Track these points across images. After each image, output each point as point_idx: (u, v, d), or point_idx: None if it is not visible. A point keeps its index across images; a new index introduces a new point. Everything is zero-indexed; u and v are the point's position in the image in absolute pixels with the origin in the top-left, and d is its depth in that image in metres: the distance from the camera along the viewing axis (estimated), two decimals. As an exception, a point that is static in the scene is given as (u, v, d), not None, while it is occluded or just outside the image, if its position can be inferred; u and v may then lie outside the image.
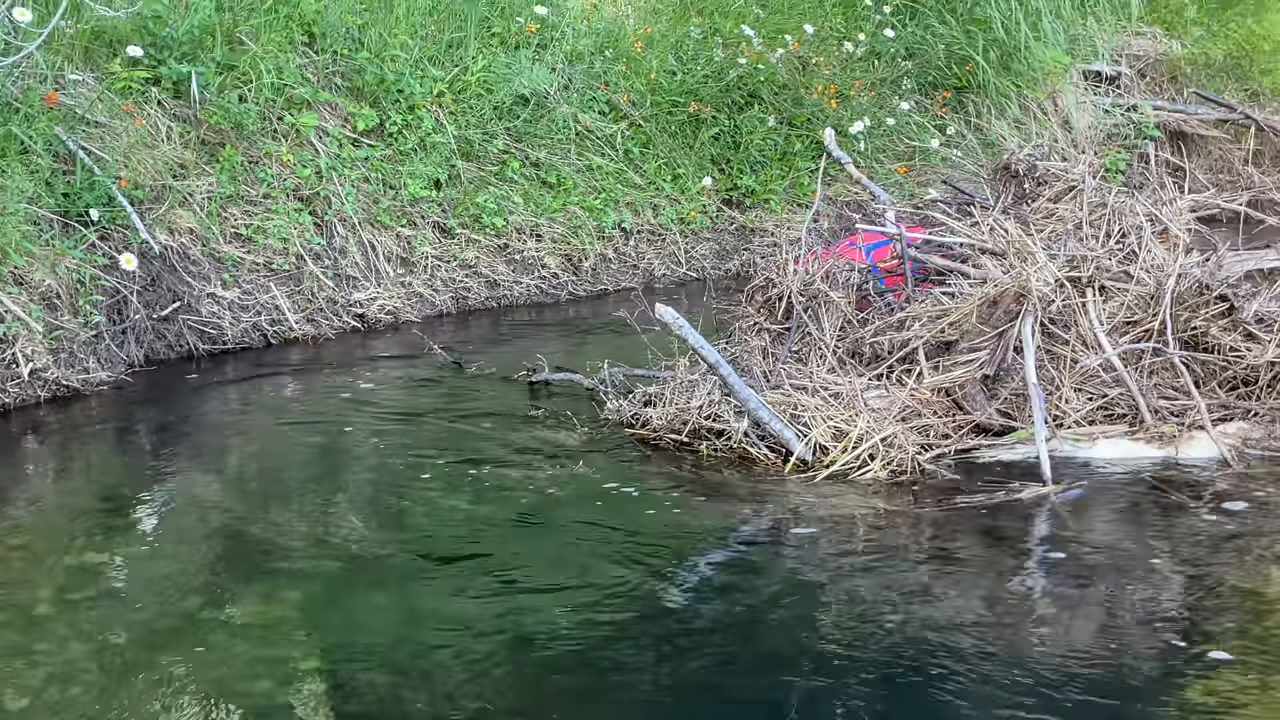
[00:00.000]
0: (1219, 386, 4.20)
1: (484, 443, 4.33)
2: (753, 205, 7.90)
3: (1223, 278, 4.22)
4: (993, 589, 3.15)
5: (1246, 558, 3.33)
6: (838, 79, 8.35)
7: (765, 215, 7.89)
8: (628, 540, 3.48)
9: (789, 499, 3.75)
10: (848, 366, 4.33)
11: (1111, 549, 3.40)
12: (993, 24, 8.85)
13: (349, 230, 6.19)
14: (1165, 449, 3.96)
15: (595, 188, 7.26)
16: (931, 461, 3.94)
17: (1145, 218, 4.32)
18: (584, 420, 4.47)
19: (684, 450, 4.16)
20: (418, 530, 3.59)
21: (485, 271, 6.68)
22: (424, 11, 6.96)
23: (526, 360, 5.23)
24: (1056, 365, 4.20)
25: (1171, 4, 11.12)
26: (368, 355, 5.71)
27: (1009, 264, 4.21)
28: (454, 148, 6.67)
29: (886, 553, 3.40)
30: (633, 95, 7.61)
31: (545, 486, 3.87)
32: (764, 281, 4.68)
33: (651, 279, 7.37)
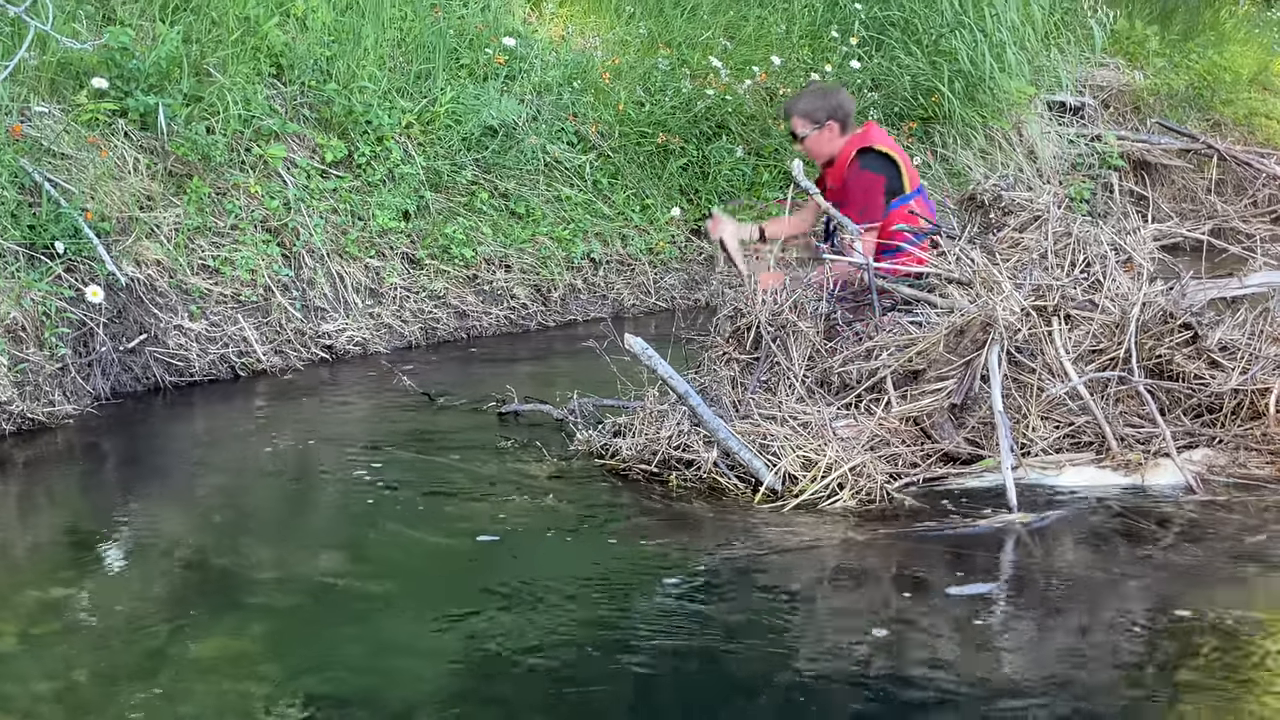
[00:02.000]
0: (1184, 414, 4.23)
1: (452, 474, 4.31)
2: (721, 235, 7.92)
3: (1186, 306, 4.27)
4: (962, 618, 3.15)
5: (1213, 586, 3.35)
6: (805, 110, 8.39)
7: (705, 248, 7.93)
8: (596, 572, 3.46)
9: (758, 529, 3.75)
10: (816, 396, 4.34)
11: (1079, 577, 3.41)
12: (958, 55, 8.95)
13: (317, 261, 6.18)
14: (1131, 476, 3.99)
15: (564, 218, 7.29)
16: (900, 490, 3.95)
17: (1109, 247, 4.36)
18: (553, 451, 4.47)
19: (653, 481, 4.15)
20: (386, 562, 3.57)
21: (454, 302, 6.68)
22: (392, 43, 6.98)
23: (495, 391, 5.23)
24: (1023, 393, 4.22)
25: (1134, 35, 11.28)
26: (336, 387, 5.69)
27: (975, 293, 4.23)
28: (423, 179, 6.68)
29: (856, 582, 3.40)
30: (601, 126, 7.64)
31: (514, 518, 3.86)
32: (732, 311, 4.69)
33: (621, 309, 7.39)
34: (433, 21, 7.25)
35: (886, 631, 3.06)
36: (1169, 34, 11.88)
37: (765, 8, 9.25)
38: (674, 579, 3.41)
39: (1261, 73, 12.22)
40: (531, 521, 3.84)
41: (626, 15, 8.64)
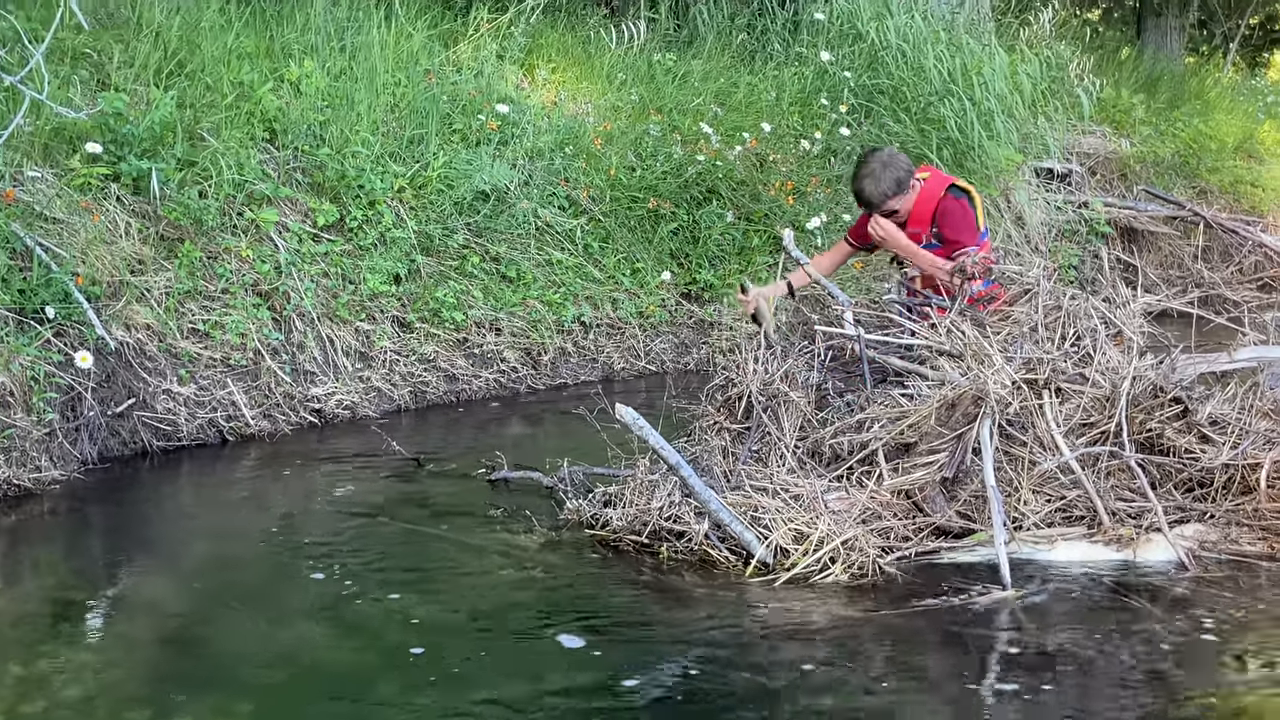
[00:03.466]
0: (1175, 489, 4.23)
1: (441, 543, 4.29)
2: (711, 299, 7.95)
3: (1176, 380, 4.28)
4: (956, 695, 3.13)
5: (1205, 664, 3.33)
6: (795, 176, 8.48)
7: (724, 309, 7.94)
8: (585, 645, 3.43)
9: (750, 603, 3.73)
10: (808, 467, 4.33)
11: (1072, 654, 3.39)
12: (946, 123, 9.03)
13: (307, 325, 6.18)
14: (1123, 551, 3.98)
15: (555, 282, 7.30)
16: (892, 564, 3.93)
17: (1099, 320, 4.38)
18: (543, 520, 4.44)
19: (644, 552, 4.13)
20: (373, 634, 3.53)
21: (444, 366, 6.67)
22: (386, 109, 7.02)
23: (485, 456, 5.21)
24: (1015, 467, 4.22)
25: (1120, 104, 11.40)
26: (325, 452, 5.66)
27: (967, 366, 4.24)
28: (414, 242, 6.69)
29: (848, 658, 3.37)
30: (592, 191, 7.68)
31: (502, 590, 3.83)
32: (724, 380, 4.70)
33: (611, 372, 7.38)
34: (426, 87, 7.30)
35: (879, 709, 3.04)
36: (1155, 102, 12.02)
37: (756, 75, 9.35)
38: (666, 653, 3.38)
39: (1246, 141, 12.35)
40: (520, 595, 3.81)
41: (618, 82, 8.72)
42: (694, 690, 3.17)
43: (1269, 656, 3.38)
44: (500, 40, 8.24)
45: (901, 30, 9.56)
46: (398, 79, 7.24)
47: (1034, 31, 11.14)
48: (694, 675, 3.26)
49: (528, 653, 3.40)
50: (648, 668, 3.31)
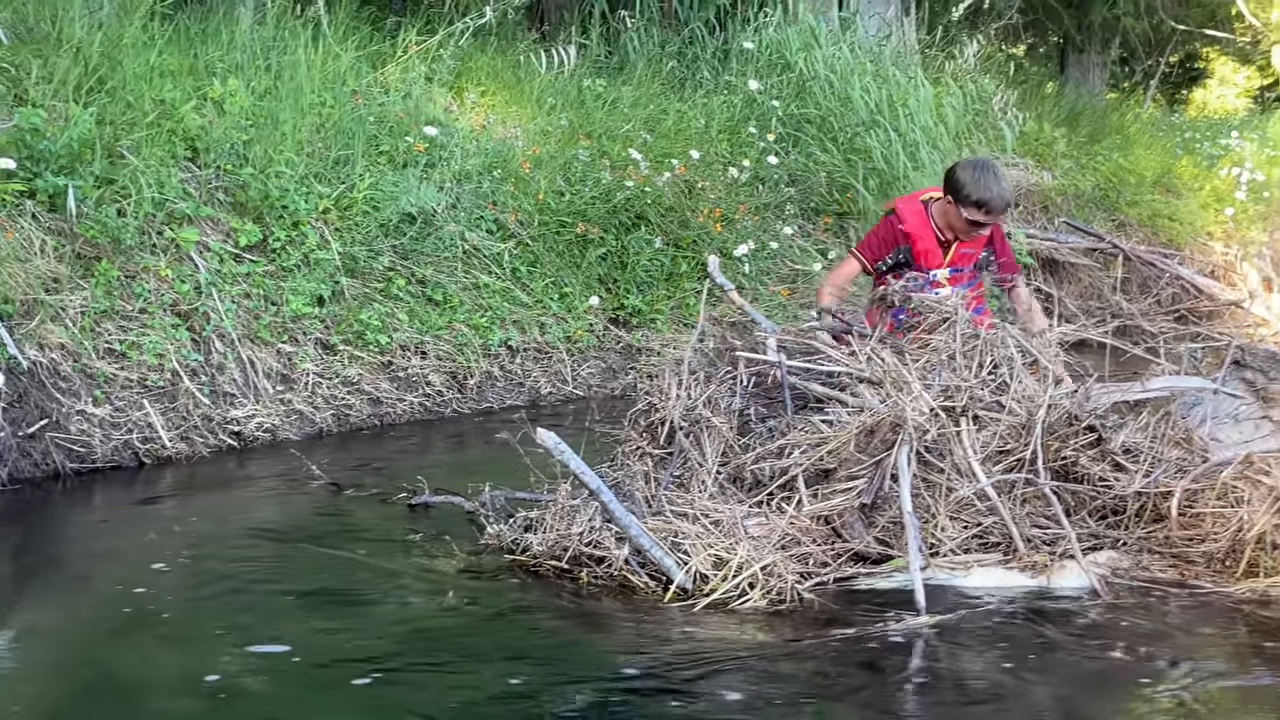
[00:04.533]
0: (1089, 516, 4.28)
1: (358, 569, 4.23)
2: (639, 325, 7.97)
3: (1091, 409, 4.34)
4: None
5: (1116, 690, 3.37)
6: (723, 203, 8.53)
7: (652, 335, 7.96)
8: (502, 673, 3.40)
9: (668, 629, 3.72)
10: (729, 493, 4.33)
11: (986, 681, 3.42)
12: (872, 154, 9.13)
13: (227, 346, 6.10)
14: (1038, 578, 4.02)
15: (481, 305, 7.27)
16: (811, 590, 3.94)
17: (1016, 349, 4.43)
18: (463, 545, 4.40)
19: (564, 577, 4.10)
20: (286, 663, 3.47)
21: (368, 389, 6.62)
22: (311, 128, 6.97)
23: (407, 481, 5.16)
24: (933, 493, 4.25)
25: (1043, 137, 11.61)
26: (243, 475, 5.58)
27: (886, 393, 4.28)
28: (338, 264, 6.64)
29: (765, 683, 3.37)
30: (520, 215, 7.67)
31: (418, 617, 3.79)
32: (646, 406, 4.69)
33: (538, 397, 7.36)
34: (353, 108, 7.26)
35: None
36: (1076, 136, 12.25)
37: (685, 102, 9.41)
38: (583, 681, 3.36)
39: (1164, 176, 12.61)
40: (437, 621, 3.77)
41: (548, 106, 8.73)
42: (611, 717, 3.15)
43: (1179, 683, 3.43)
44: (429, 62, 8.23)
45: (829, 61, 9.68)
46: (324, 99, 7.20)
47: (959, 65, 11.33)
48: (611, 701, 3.24)
49: (443, 679, 3.36)
50: (565, 694, 3.29)
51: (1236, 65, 24.47)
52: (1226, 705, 3.38)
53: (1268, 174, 13.76)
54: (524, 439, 4.67)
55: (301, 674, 3.39)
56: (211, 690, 3.28)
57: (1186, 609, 3.88)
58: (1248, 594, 3.93)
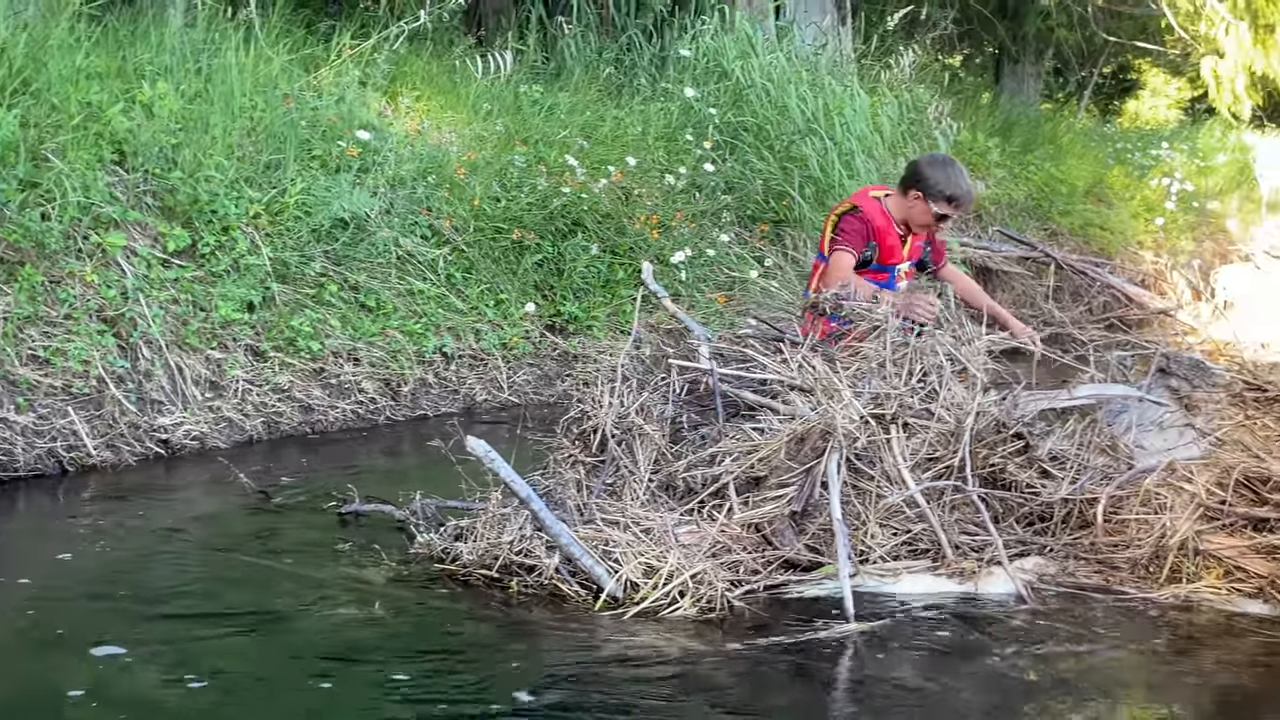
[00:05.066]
0: (1017, 522, 4.32)
1: (285, 580, 4.17)
2: (576, 332, 7.95)
3: (1018, 416, 4.38)
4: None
5: (1041, 695, 3.40)
6: (660, 210, 8.54)
7: (588, 342, 7.93)
8: (429, 683, 3.37)
9: (598, 637, 3.70)
10: (660, 501, 4.32)
11: (914, 687, 3.43)
12: (808, 162, 9.18)
13: (155, 353, 6.00)
14: (966, 584, 4.05)
15: (416, 312, 7.22)
16: (741, 598, 3.94)
17: (945, 357, 4.47)
18: (392, 555, 4.35)
19: (494, 586, 4.07)
20: (210, 674, 3.41)
21: (299, 396, 6.54)
22: (242, 132, 6.89)
23: (338, 490, 5.10)
24: (863, 501, 4.27)
25: (976, 147, 11.73)
26: (170, 484, 5.49)
27: (816, 401, 4.29)
28: (269, 269, 6.56)
29: (694, 691, 3.37)
30: (456, 221, 7.63)
31: (343, 628, 3.74)
32: (579, 413, 4.67)
33: (473, 404, 7.31)
34: (285, 112, 7.19)
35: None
36: (1010, 146, 12.39)
37: (622, 109, 9.41)
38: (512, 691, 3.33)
39: (1096, 185, 12.80)
40: (364, 631, 3.72)
41: (484, 112, 8.69)
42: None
43: (1103, 688, 3.46)
44: (363, 66, 8.16)
45: (766, 69, 9.73)
46: (255, 103, 7.12)
47: (894, 74, 11.42)
48: (540, 710, 3.22)
49: (367, 690, 3.32)
50: (493, 703, 3.26)
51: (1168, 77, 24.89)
52: (1150, 710, 3.42)
53: (1197, 184, 14.02)
54: (456, 447, 4.64)
55: (220, 686, 3.34)
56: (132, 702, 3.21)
57: (1111, 614, 3.93)
58: (1170, 599, 3.99)
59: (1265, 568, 3.98)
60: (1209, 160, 15.12)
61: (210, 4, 7.68)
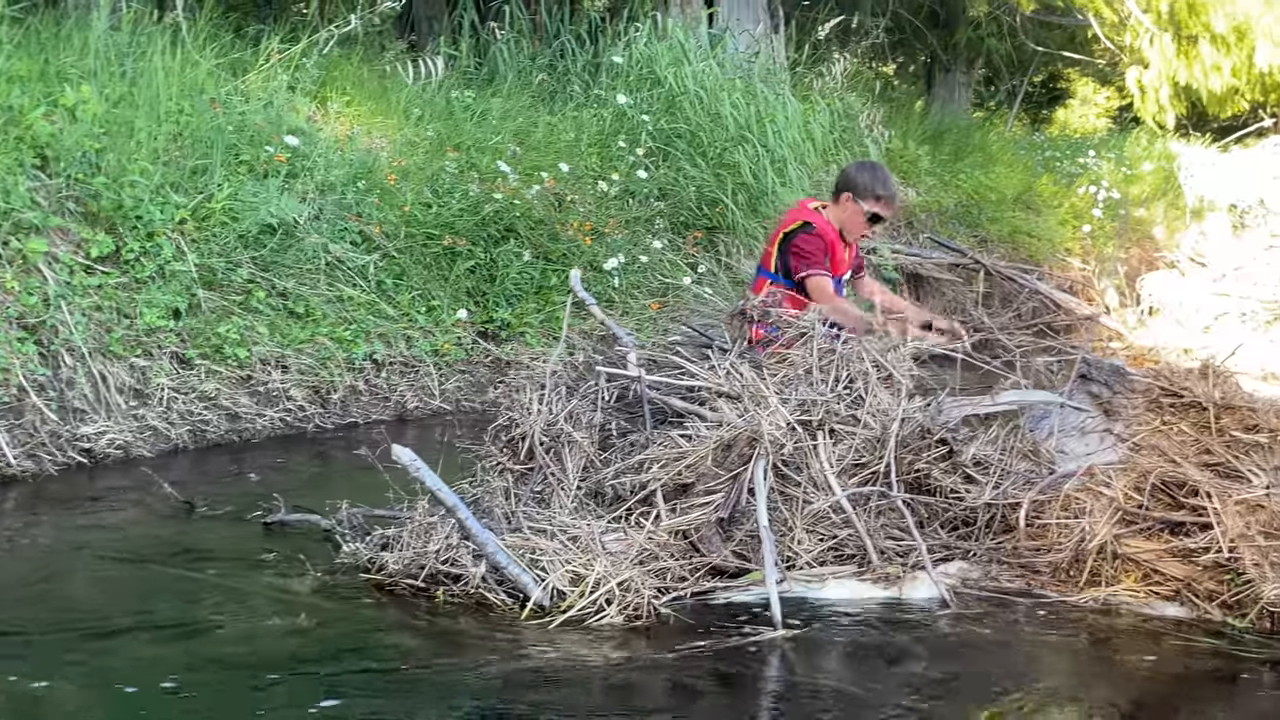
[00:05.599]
0: (941, 527, 4.36)
1: (207, 591, 4.12)
2: (509, 338, 7.92)
3: (942, 422, 4.42)
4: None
5: (964, 699, 3.44)
6: (593, 216, 8.53)
7: (521, 348, 7.91)
8: (354, 694, 3.34)
9: (524, 646, 3.69)
10: (589, 508, 4.32)
11: (839, 692, 3.45)
12: (741, 169, 9.22)
13: (77, 360, 5.91)
14: (890, 589, 4.08)
15: (346, 318, 7.16)
16: (668, 605, 3.94)
17: (871, 364, 4.50)
18: (317, 564, 4.31)
19: (420, 596, 4.05)
20: (131, 687, 3.36)
21: (226, 404, 6.46)
22: (168, 137, 6.80)
23: (264, 499, 5.04)
24: (790, 507, 4.29)
25: (907, 155, 11.85)
26: (92, 494, 5.40)
27: (743, 408, 4.30)
28: (195, 276, 6.47)
29: (619, 699, 3.37)
30: (386, 227, 7.58)
31: (266, 639, 3.70)
32: (507, 421, 4.66)
33: (404, 411, 7.26)
34: (212, 116, 7.11)
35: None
36: (940, 154, 12.52)
37: (555, 115, 9.40)
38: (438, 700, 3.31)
39: (1025, 193, 12.97)
40: (287, 643, 3.68)
41: (415, 117, 8.65)
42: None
43: (1024, 692, 3.51)
44: (292, 71, 8.09)
45: (699, 77, 9.76)
46: (181, 107, 7.03)
47: (826, 82, 11.51)
48: None
49: (290, 702, 3.29)
50: (418, 713, 3.24)
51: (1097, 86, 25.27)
52: (1070, 711, 3.47)
53: (1123, 192, 14.24)
54: (383, 455, 4.61)
55: (141, 699, 3.29)
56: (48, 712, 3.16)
57: (1032, 618, 3.98)
58: (1090, 602, 4.05)
59: (1181, 571, 4.05)
60: (1135, 168, 15.37)
61: (136, 7, 7.57)
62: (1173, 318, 11.47)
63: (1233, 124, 18.93)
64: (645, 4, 11.01)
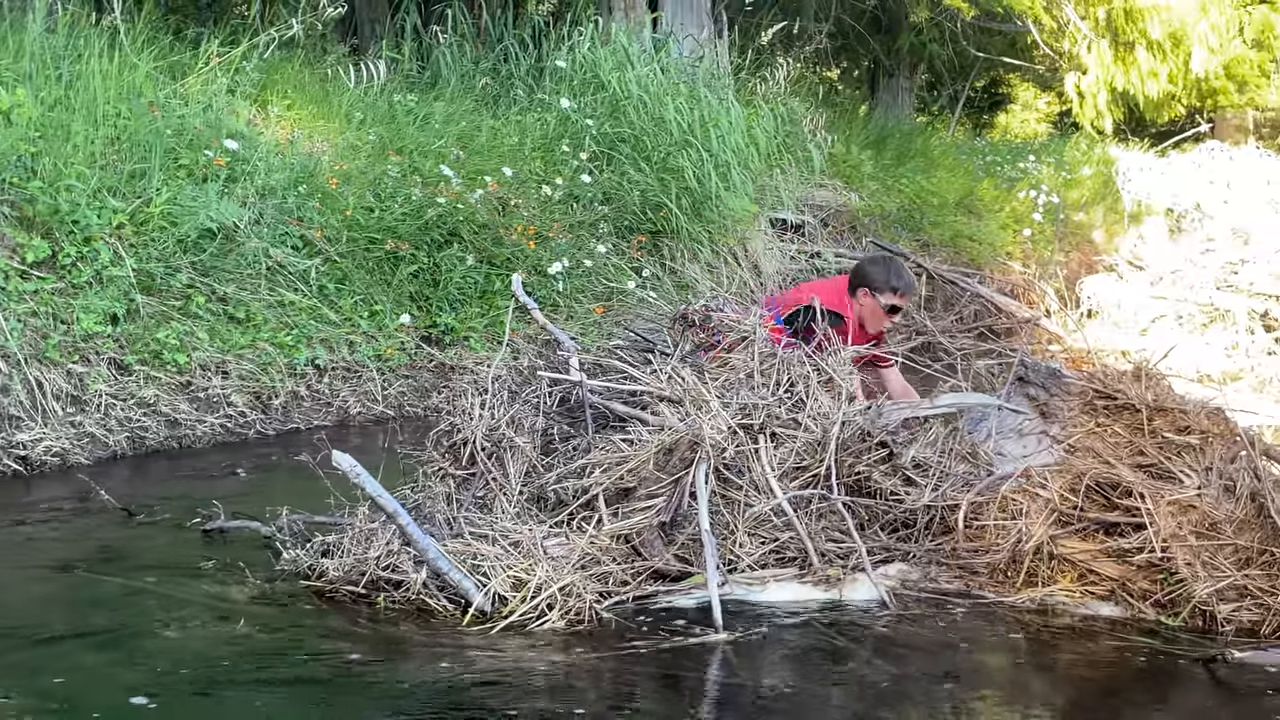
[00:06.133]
0: (881, 529, 4.40)
1: (145, 599, 4.08)
2: (452, 343, 7.89)
3: (882, 425, 4.46)
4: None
5: (903, 700, 3.47)
6: (537, 221, 8.52)
7: (465, 353, 7.89)
8: (293, 702, 3.32)
9: (466, 652, 3.68)
10: (531, 513, 4.32)
11: (782, 694, 3.47)
12: (685, 173, 9.25)
13: (13, 367, 5.82)
14: (831, 592, 4.11)
15: (287, 323, 7.11)
16: (610, 609, 3.95)
17: (812, 367, 4.53)
18: (257, 572, 4.27)
19: (361, 602, 4.02)
20: (65, 700, 3.32)
21: (166, 410, 6.39)
22: (105, 141, 6.72)
23: (204, 506, 5.00)
24: (731, 510, 4.31)
25: (850, 160, 11.93)
26: (28, 501, 5.34)
27: (685, 411, 4.32)
28: (133, 281, 6.40)
29: (560, 704, 3.36)
30: (328, 231, 7.53)
31: (204, 648, 3.66)
32: (448, 426, 4.64)
33: (346, 417, 7.22)
34: (150, 120, 7.03)
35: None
36: (883, 159, 12.63)
37: (499, 120, 9.39)
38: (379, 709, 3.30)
39: (966, 197, 13.10)
40: (226, 650, 3.65)
41: (357, 121, 8.60)
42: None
43: (964, 690, 3.55)
44: (232, 74, 8.02)
45: (642, 81, 9.79)
46: (119, 110, 6.95)
47: (770, 87, 11.57)
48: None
49: (227, 712, 3.26)
50: None
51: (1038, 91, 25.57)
52: (1008, 710, 3.51)
53: (1063, 196, 14.42)
54: (324, 461, 4.58)
55: (79, 709, 3.25)
56: (-24, 731, 3.12)
57: (970, 618, 4.02)
58: (1027, 603, 4.10)
59: (1116, 571, 4.11)
60: (1075, 173, 15.58)
61: (72, 9, 7.48)
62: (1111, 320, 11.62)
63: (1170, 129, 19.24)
64: (589, 8, 11.03)
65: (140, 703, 3.29)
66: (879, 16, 17.21)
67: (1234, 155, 16.11)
